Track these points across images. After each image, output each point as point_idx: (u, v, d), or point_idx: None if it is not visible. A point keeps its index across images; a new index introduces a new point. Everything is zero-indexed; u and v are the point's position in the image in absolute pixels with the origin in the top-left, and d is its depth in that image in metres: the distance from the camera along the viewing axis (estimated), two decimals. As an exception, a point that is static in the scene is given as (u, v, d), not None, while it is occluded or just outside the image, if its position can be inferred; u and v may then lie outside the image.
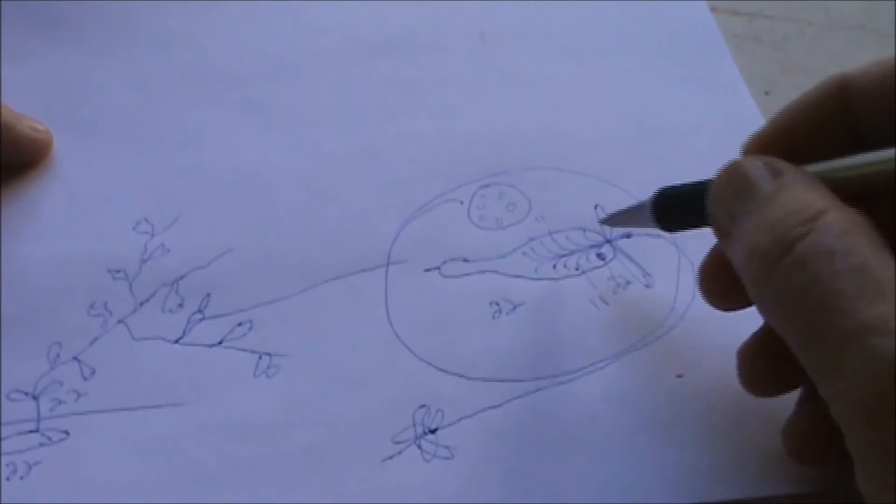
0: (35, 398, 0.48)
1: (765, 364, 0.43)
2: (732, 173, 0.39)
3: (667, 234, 0.50)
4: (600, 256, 0.53)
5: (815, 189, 0.36)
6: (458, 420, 0.47)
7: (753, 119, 0.59)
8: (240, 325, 0.50)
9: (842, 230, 0.34)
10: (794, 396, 0.44)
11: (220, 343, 0.50)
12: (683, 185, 0.45)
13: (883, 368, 0.30)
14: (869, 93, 0.40)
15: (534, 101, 0.61)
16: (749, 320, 0.43)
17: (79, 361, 0.49)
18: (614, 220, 0.52)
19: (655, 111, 0.60)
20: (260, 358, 0.49)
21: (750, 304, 0.44)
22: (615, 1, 0.66)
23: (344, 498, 0.45)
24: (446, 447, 0.46)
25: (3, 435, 0.47)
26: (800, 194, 0.36)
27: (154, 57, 0.63)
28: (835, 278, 0.32)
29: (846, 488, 0.43)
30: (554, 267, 0.53)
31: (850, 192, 0.37)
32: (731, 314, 0.46)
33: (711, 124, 0.59)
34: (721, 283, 0.45)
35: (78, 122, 0.59)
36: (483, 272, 0.52)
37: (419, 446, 0.46)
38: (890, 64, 0.39)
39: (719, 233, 0.40)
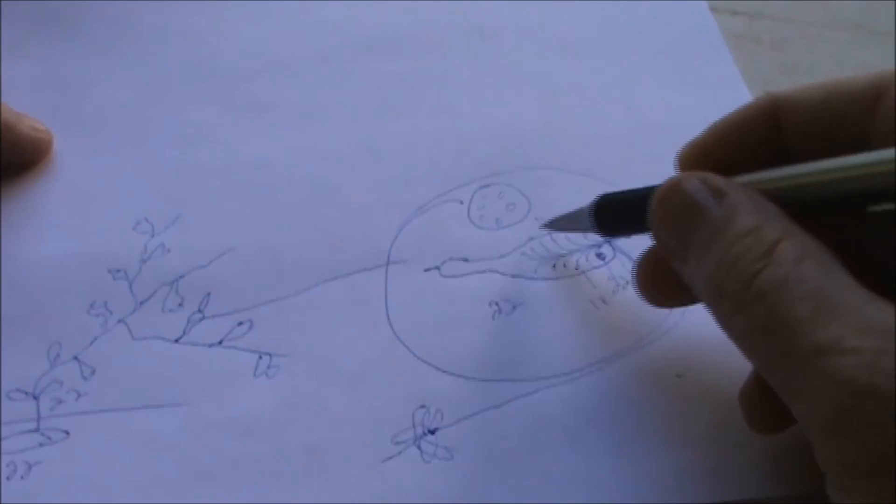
0: (35, 398, 0.48)
1: (762, 402, 0.44)
2: (673, 195, 0.40)
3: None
4: (600, 256, 0.53)
5: (763, 212, 0.38)
6: (458, 421, 0.47)
7: (753, 119, 0.59)
8: (240, 324, 0.50)
9: (795, 258, 0.35)
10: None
11: (220, 343, 0.50)
12: (623, 193, 0.46)
13: (838, 386, 0.32)
14: (798, 115, 0.42)
15: (534, 100, 0.61)
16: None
17: (79, 361, 0.49)
18: (556, 224, 0.52)
19: (655, 110, 0.60)
20: (260, 357, 0.49)
21: (685, 304, 0.47)
22: (615, 0, 0.66)
23: (344, 498, 0.45)
24: (446, 448, 0.46)
25: (3, 434, 0.47)
26: (751, 221, 0.37)
27: (154, 55, 0.63)
28: (790, 305, 0.34)
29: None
30: (553, 267, 0.53)
31: (783, 203, 0.38)
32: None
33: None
34: (657, 281, 0.46)
35: (78, 121, 0.59)
36: (483, 272, 0.52)
37: (419, 447, 0.46)
38: (820, 90, 0.41)
39: (671, 256, 0.41)
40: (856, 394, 0.31)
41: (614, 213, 0.46)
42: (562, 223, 0.52)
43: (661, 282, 0.46)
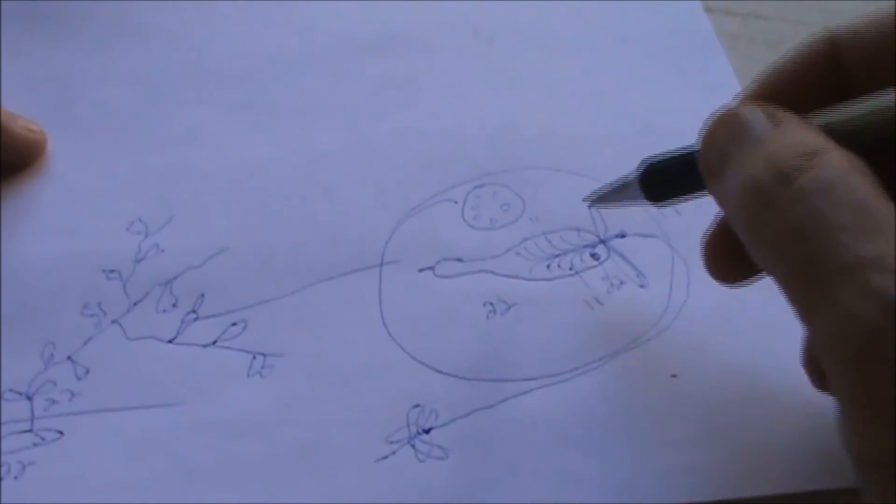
0: (29, 398, 0.48)
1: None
2: (728, 118, 0.39)
3: (660, 234, 0.50)
4: (594, 256, 0.53)
5: (816, 132, 0.36)
6: (452, 420, 0.47)
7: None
8: (234, 324, 0.50)
9: (842, 168, 0.33)
10: (800, 404, 0.44)
11: (214, 343, 0.50)
12: (668, 154, 0.44)
13: (879, 304, 0.29)
14: (861, 53, 0.40)
15: (528, 100, 0.61)
16: (742, 321, 0.43)
17: (73, 361, 0.49)
18: (601, 199, 0.50)
19: (649, 111, 0.60)
20: (254, 358, 0.49)
21: (755, 277, 0.44)
22: (609, 1, 0.66)
23: (338, 498, 0.45)
24: (440, 447, 0.46)
25: (-3, 435, 0.47)
26: (799, 134, 0.36)
27: (148, 55, 0.63)
28: (835, 212, 0.32)
29: (843, 489, 0.43)
30: (548, 267, 0.53)
31: (851, 144, 0.36)
32: (725, 315, 0.46)
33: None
34: (726, 255, 0.44)
35: (72, 121, 0.59)
36: (477, 272, 0.52)
37: (413, 446, 0.46)
38: (884, 23, 0.39)
39: (708, 173, 0.40)
40: (893, 313, 0.29)
41: (663, 178, 0.44)
42: (607, 197, 0.49)
43: (730, 254, 0.43)
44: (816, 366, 0.43)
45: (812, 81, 0.41)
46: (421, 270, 0.53)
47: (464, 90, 0.61)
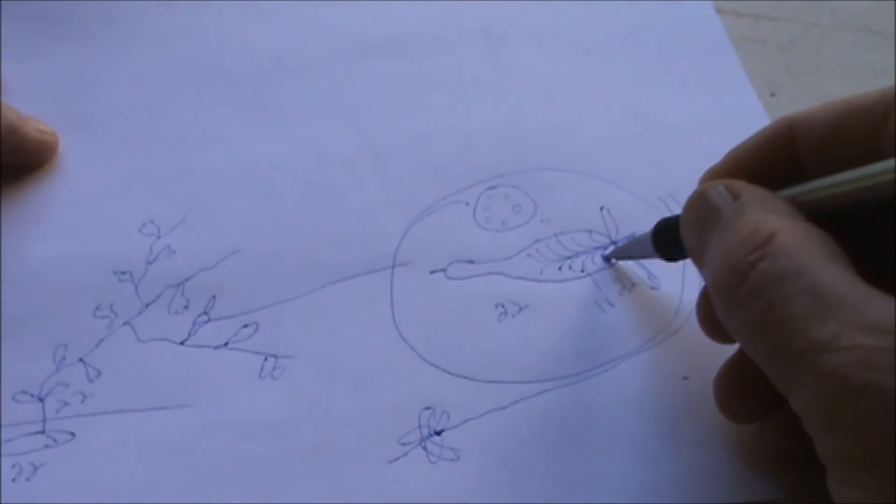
0: (41, 400, 0.48)
1: (738, 388, 0.45)
2: (696, 199, 0.41)
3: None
4: (606, 259, 0.53)
5: (770, 208, 0.38)
6: (464, 422, 0.47)
7: (759, 120, 0.59)
8: (245, 326, 0.50)
9: (792, 251, 0.35)
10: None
11: (226, 345, 0.50)
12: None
13: (835, 383, 0.32)
14: (813, 135, 0.42)
15: (539, 102, 0.61)
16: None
17: (84, 363, 0.49)
18: (618, 253, 0.53)
19: (661, 112, 0.60)
20: (265, 359, 0.49)
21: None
22: (621, 2, 0.66)
23: (349, 499, 0.45)
24: (452, 449, 0.46)
25: (9, 437, 0.47)
26: (754, 216, 0.38)
27: (160, 57, 0.62)
28: (788, 302, 0.34)
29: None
30: (559, 269, 0.53)
31: (814, 215, 0.38)
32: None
33: (717, 126, 0.59)
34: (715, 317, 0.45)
35: (83, 123, 0.59)
36: (489, 274, 0.52)
37: (425, 448, 0.46)
38: (831, 110, 0.42)
39: (694, 260, 0.42)
40: (852, 390, 0.32)
41: (674, 237, 0.45)
42: (624, 251, 0.52)
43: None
44: (725, 389, 0.46)
45: (772, 163, 0.43)
46: (433, 272, 0.53)
47: (475, 91, 0.61)
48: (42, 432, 0.47)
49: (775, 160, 0.43)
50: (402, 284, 0.52)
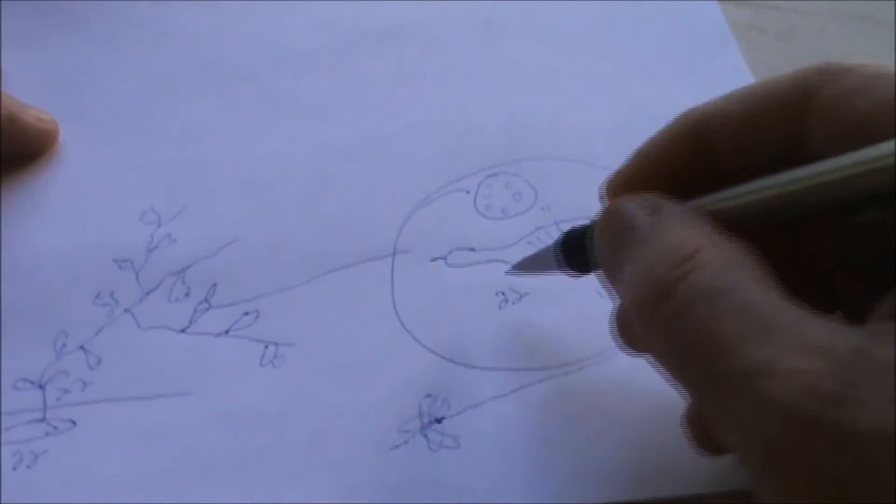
0: (41, 387, 0.48)
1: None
2: (610, 216, 0.39)
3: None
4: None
5: (692, 225, 0.35)
6: (464, 410, 0.47)
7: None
8: (246, 314, 0.50)
9: (719, 268, 0.32)
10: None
11: (227, 332, 0.50)
12: (587, 226, 0.43)
13: (774, 413, 0.28)
14: (725, 129, 0.39)
15: (540, 91, 0.61)
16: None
17: (85, 351, 0.49)
18: (523, 266, 0.50)
19: (661, 101, 0.59)
20: (266, 347, 0.49)
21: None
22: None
23: (351, 487, 0.45)
24: (452, 437, 0.46)
25: (9, 424, 0.47)
26: (675, 233, 0.35)
27: (160, 47, 0.63)
28: (719, 320, 0.31)
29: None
30: (560, 257, 0.53)
31: (734, 225, 0.35)
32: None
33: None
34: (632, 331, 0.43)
35: (83, 112, 0.59)
36: (489, 262, 0.52)
37: (425, 436, 0.46)
38: (742, 100, 0.39)
39: (610, 280, 0.39)
40: (793, 422, 0.28)
41: (581, 249, 0.43)
42: (528, 264, 0.50)
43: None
44: (695, 424, 0.43)
45: (684, 162, 0.40)
46: (433, 260, 0.53)
47: (476, 82, 0.61)
48: (43, 420, 0.47)
49: (687, 158, 0.40)
50: (402, 272, 0.52)
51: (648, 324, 0.34)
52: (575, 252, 0.44)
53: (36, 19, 0.63)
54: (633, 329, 0.43)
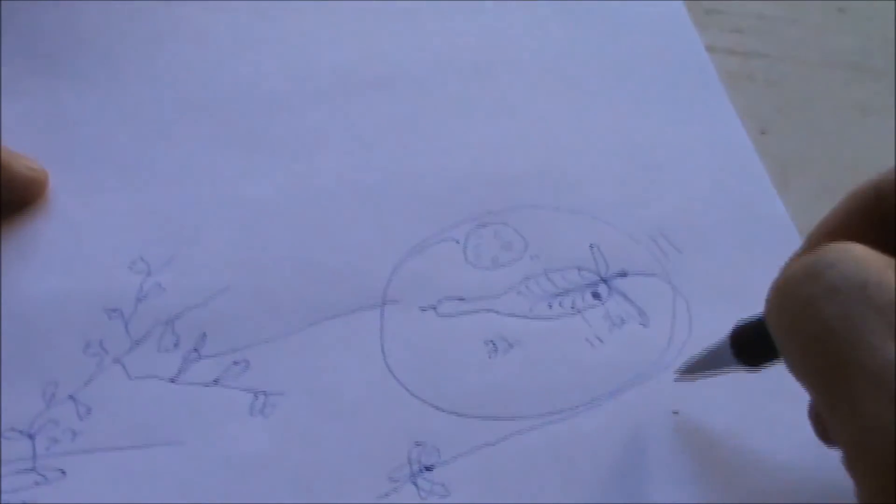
0: (31, 437, 0.48)
1: None
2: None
3: (661, 273, 0.48)
4: (596, 296, 0.53)
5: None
6: (455, 458, 0.47)
7: (749, 158, 0.59)
8: (235, 363, 0.50)
9: (876, 265, 0.31)
10: (804, 440, 0.44)
11: (216, 382, 0.50)
12: (756, 317, 0.41)
13: None
14: None
15: (529, 139, 0.61)
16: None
17: (74, 400, 0.49)
18: (693, 368, 0.47)
19: (650, 149, 0.60)
20: (256, 397, 0.49)
21: None
22: (610, 38, 0.67)
23: (340, 536, 0.45)
24: (442, 485, 0.46)
25: (-1, 474, 0.47)
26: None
27: (148, 93, 0.63)
28: (864, 312, 0.30)
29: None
30: (549, 306, 0.53)
31: None
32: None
33: (707, 163, 0.59)
34: None
35: (73, 159, 0.59)
36: (479, 311, 0.52)
37: (415, 484, 0.46)
38: None
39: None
40: None
41: (756, 338, 0.41)
42: (699, 365, 0.47)
43: None
44: (823, 420, 0.41)
45: (861, 233, 0.36)
46: (423, 309, 0.53)
47: (464, 128, 0.61)
48: (32, 470, 0.47)
49: (865, 232, 0.36)
50: (392, 321, 0.52)
51: (791, 308, 0.33)
52: (750, 345, 0.42)
53: (22, 67, 0.63)
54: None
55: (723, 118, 0.62)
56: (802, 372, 0.33)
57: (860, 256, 0.32)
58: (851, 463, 0.30)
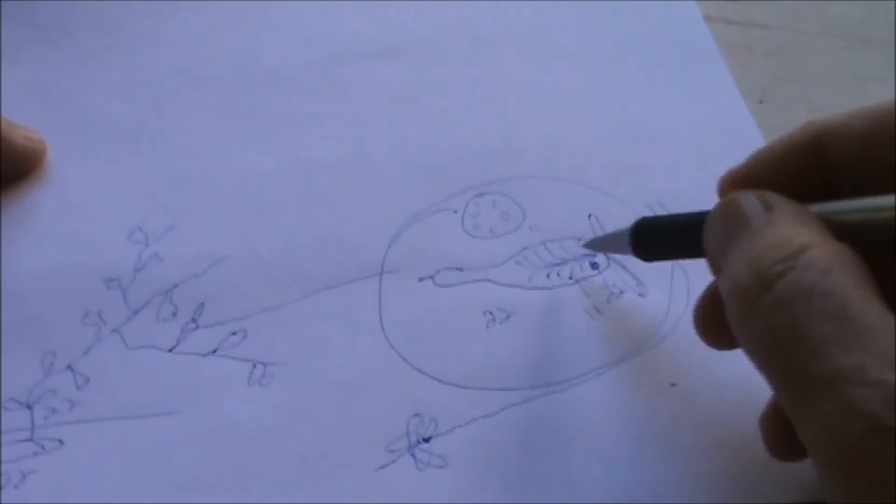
0: (29, 407, 0.48)
1: (784, 428, 0.42)
2: (727, 206, 0.39)
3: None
4: (594, 266, 0.53)
5: (804, 223, 0.36)
6: (452, 429, 0.47)
7: (747, 127, 0.59)
8: (234, 333, 0.50)
9: (824, 268, 0.33)
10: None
11: (214, 352, 0.50)
12: (663, 217, 0.46)
13: (856, 419, 0.29)
14: (846, 145, 0.39)
15: (528, 109, 0.61)
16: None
17: (73, 370, 0.49)
18: (595, 244, 0.52)
19: (649, 119, 0.60)
20: (254, 367, 0.49)
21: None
22: (609, 9, 0.67)
23: (338, 506, 0.45)
24: (440, 456, 0.46)
25: (-3, 443, 0.47)
26: (786, 229, 0.35)
27: (147, 64, 0.63)
28: (812, 321, 0.32)
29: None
30: (548, 276, 0.53)
31: (847, 236, 0.35)
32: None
33: (705, 133, 0.59)
34: (716, 322, 0.44)
35: (72, 130, 0.59)
36: (477, 281, 0.52)
37: (413, 455, 0.46)
38: (866, 117, 0.39)
39: (712, 266, 0.40)
40: (874, 430, 0.29)
41: (653, 237, 0.46)
42: (601, 243, 0.51)
43: (719, 323, 0.42)
44: (770, 428, 0.43)
45: (798, 171, 0.41)
46: (421, 279, 0.53)
47: (463, 98, 0.61)
48: (30, 440, 0.47)
49: (802, 168, 0.41)
50: (390, 292, 0.52)
51: (745, 313, 0.35)
52: (646, 240, 0.46)
53: (21, 37, 0.63)
54: (712, 318, 0.44)
55: (721, 88, 0.62)
56: (761, 372, 0.35)
57: (807, 263, 0.33)
58: (814, 455, 0.32)
